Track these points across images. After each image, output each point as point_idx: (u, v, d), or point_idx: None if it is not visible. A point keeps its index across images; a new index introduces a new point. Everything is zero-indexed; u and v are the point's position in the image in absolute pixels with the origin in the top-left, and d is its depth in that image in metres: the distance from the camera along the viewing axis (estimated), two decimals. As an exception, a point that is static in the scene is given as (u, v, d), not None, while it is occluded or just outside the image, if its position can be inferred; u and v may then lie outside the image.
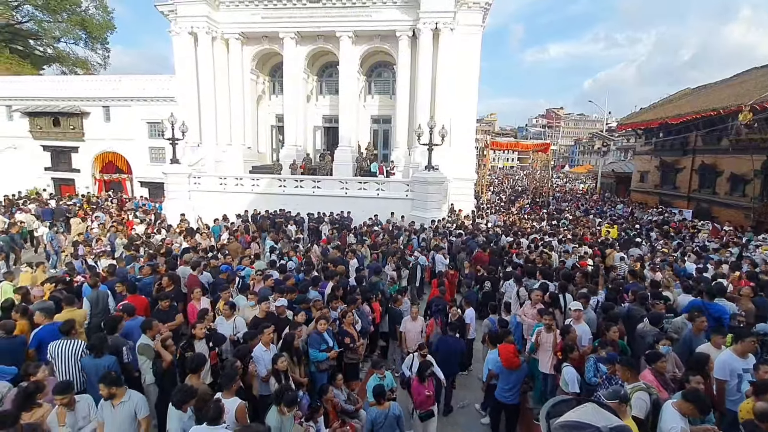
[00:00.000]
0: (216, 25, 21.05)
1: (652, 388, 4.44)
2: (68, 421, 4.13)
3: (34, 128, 25.13)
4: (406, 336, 7.02)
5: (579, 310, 6.46)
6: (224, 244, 12.26)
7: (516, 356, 5.72)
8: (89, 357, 5.04)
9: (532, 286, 8.22)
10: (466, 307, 7.56)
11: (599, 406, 1.50)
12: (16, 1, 39.43)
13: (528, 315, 7.29)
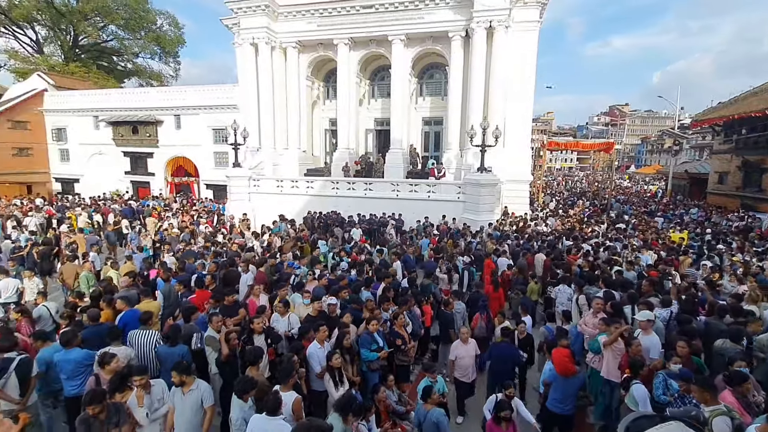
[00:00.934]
0: (275, 35, 22.08)
1: (734, 411, 4.03)
2: (145, 403, 4.53)
3: (117, 136, 27.81)
4: (457, 363, 6.29)
5: (650, 321, 6.01)
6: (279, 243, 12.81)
7: (571, 362, 5.43)
8: (164, 346, 5.49)
9: (594, 293, 7.77)
10: (523, 315, 7.30)
11: (687, 426, 1.39)
12: (103, 22, 43.81)
13: (589, 325, 6.89)
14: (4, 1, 39.04)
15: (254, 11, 21.21)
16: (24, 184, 28.75)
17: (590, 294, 7.92)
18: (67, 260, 10.11)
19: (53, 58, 42.56)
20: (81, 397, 4.34)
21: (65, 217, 18.18)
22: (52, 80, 30.35)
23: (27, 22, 41.15)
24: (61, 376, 5.16)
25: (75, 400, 5.11)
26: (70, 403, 5.28)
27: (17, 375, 4.87)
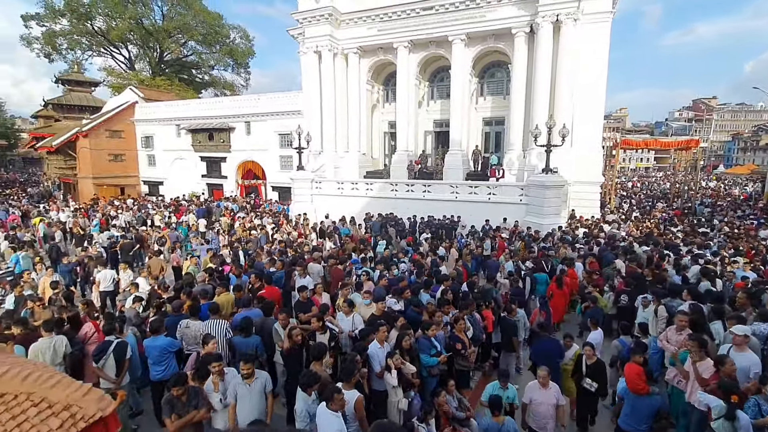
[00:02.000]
0: (337, 42, 22.80)
1: None
2: (220, 389, 4.89)
3: (195, 142, 30.28)
4: (532, 408, 5.24)
5: (746, 336, 5.37)
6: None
7: (642, 380, 5.00)
8: (239, 336, 5.90)
9: (678, 306, 7.08)
10: (593, 328, 6.84)
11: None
12: (184, 38, 47.98)
13: (672, 341, 6.28)
14: (103, 25, 44.25)
15: (318, 20, 22.07)
16: (118, 186, 32.27)
17: (672, 307, 7.24)
18: (153, 254, 11.20)
19: (142, 73, 47.42)
20: (165, 381, 4.80)
21: (151, 216, 20.12)
22: (141, 93, 33.78)
23: (122, 42, 46.29)
24: (148, 361, 5.73)
25: (159, 384, 5.65)
26: (155, 386, 5.84)
27: (114, 357, 5.48)
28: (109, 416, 3.65)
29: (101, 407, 3.56)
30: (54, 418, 3.33)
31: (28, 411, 3.29)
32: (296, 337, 5.62)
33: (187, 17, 45.25)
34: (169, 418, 4.28)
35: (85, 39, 45.35)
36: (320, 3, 21.68)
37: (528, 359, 6.94)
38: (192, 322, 6.11)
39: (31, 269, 10.04)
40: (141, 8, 44.13)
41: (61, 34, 43.74)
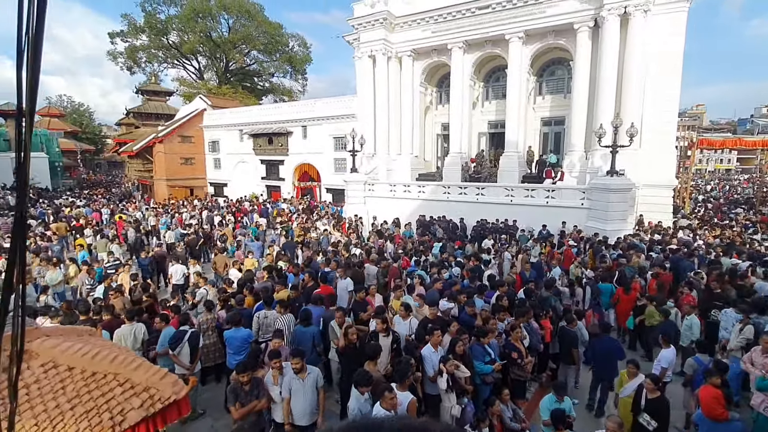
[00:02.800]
0: (391, 46, 23.03)
1: None
2: (279, 381, 5.12)
3: (256, 146, 31.96)
4: None
5: None
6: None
7: (720, 404, 4.53)
8: (299, 326, 6.18)
9: (765, 325, 6.35)
10: (665, 346, 6.30)
11: None
12: (247, 48, 50.86)
13: (757, 365, 5.65)
14: (177, 39, 48.16)
15: (373, 25, 22.43)
16: (188, 187, 34.84)
17: (760, 324, 6.51)
18: (218, 252, 11.97)
19: (210, 82, 50.91)
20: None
21: (221, 215, 21.50)
22: (209, 101, 36.26)
23: (192, 54, 50.03)
24: (228, 351, 6.18)
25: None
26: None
27: (189, 345, 5.95)
28: (181, 399, 3.96)
29: (175, 391, 3.86)
30: (135, 398, 3.67)
31: (115, 389, 3.65)
32: (352, 336, 5.74)
33: (251, 28, 47.95)
34: (234, 406, 4.56)
35: (161, 52, 49.59)
36: (375, 8, 22.04)
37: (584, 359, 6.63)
38: (269, 312, 6.53)
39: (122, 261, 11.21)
40: (210, 22, 47.43)
41: (141, 49, 48.17)
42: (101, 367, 3.72)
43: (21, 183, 1.04)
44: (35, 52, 0.94)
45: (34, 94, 0.98)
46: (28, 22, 0.94)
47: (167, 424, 3.96)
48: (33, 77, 0.96)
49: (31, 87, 0.97)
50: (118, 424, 3.46)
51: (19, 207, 1.08)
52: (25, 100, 0.97)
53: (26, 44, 0.95)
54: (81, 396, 3.49)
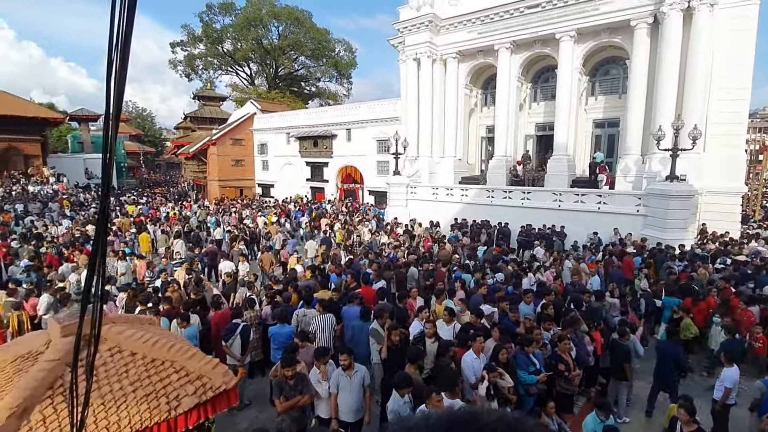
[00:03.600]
0: (436, 48, 22.93)
1: None
2: (326, 378, 5.24)
3: (302, 149, 32.92)
4: None
5: None
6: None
7: None
8: (359, 322, 6.35)
9: None
10: (727, 365, 5.81)
11: None
12: (295, 54, 52.57)
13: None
14: (230, 47, 50.74)
15: (418, 28, 22.46)
16: (238, 188, 36.50)
17: None
18: (265, 250, 12.45)
19: (260, 87, 53.12)
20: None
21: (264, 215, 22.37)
22: (259, 106, 37.83)
23: (244, 61, 52.47)
24: (273, 346, 6.44)
25: None
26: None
27: (241, 338, 6.26)
28: (231, 389, 4.15)
29: (225, 381, 4.07)
30: (190, 385, 3.89)
31: (172, 376, 3.90)
32: (395, 338, 5.75)
33: (299, 35, 49.58)
34: (278, 400, 4.73)
35: (216, 60, 52.40)
36: (421, 11, 22.06)
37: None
38: (308, 311, 6.73)
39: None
40: (261, 30, 49.55)
41: (198, 57, 51.16)
42: (160, 355, 3.97)
43: (105, 182, 1.15)
44: (122, 64, 1.04)
45: (120, 101, 1.08)
46: (117, 38, 1.04)
47: (217, 412, 4.17)
48: (119, 87, 1.06)
49: (118, 95, 1.07)
50: (173, 408, 3.68)
51: (103, 203, 1.18)
52: (112, 107, 1.07)
53: (115, 57, 1.05)
54: (142, 380, 3.75)
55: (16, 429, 3.11)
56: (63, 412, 3.30)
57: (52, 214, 22.01)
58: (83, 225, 18.25)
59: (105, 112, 1.09)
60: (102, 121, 42.57)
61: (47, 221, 19.73)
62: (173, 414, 3.64)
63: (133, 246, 14.94)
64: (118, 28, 1.02)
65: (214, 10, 49.27)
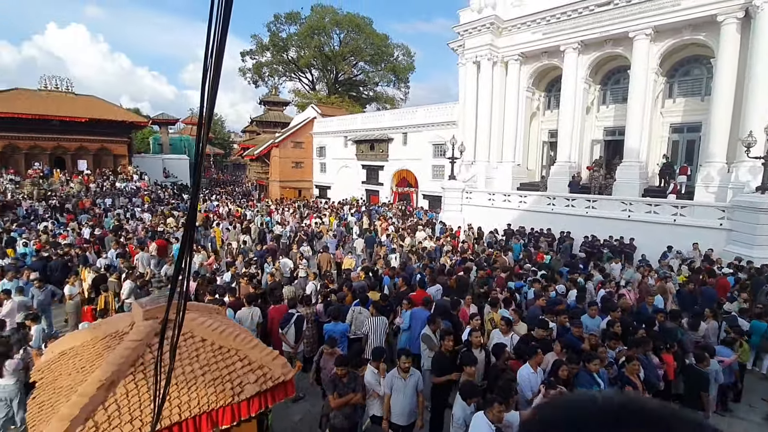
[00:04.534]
0: (497, 51, 22.40)
1: None
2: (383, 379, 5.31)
3: (359, 152, 33.61)
4: None
5: None
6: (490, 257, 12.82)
7: None
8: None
9: None
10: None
11: None
12: (355, 60, 53.86)
13: None
14: (294, 55, 53.15)
15: (479, 31, 22.08)
16: (297, 189, 38.05)
17: None
18: (323, 250, 12.87)
19: (321, 93, 55.02)
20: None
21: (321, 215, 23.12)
22: (319, 110, 39.21)
23: (307, 68, 54.67)
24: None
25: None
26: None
27: (295, 327, 6.55)
28: (288, 381, 4.34)
29: (284, 372, 4.25)
30: (252, 374, 4.12)
31: (236, 363, 4.15)
32: (448, 343, 5.67)
33: (359, 41, 50.75)
34: (332, 395, 4.86)
35: (281, 67, 55.09)
36: (482, 13, 21.69)
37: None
38: (363, 309, 6.88)
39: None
40: (323, 37, 51.38)
41: (265, 65, 54.08)
42: (226, 343, 4.25)
43: (197, 180, 1.26)
44: (216, 74, 1.15)
45: (212, 108, 1.19)
46: (211, 49, 1.14)
47: (275, 402, 4.37)
48: (212, 94, 1.17)
49: (210, 102, 1.17)
50: (237, 394, 3.92)
51: (193, 199, 1.30)
52: (204, 112, 1.18)
53: (210, 67, 1.15)
54: (210, 365, 4.03)
55: (104, 399, 3.48)
56: (143, 388, 3.64)
57: (135, 209, 24.34)
58: (164, 218, 20.05)
59: (198, 118, 1.21)
60: (180, 125, 46.59)
61: (129, 215, 21.91)
62: (236, 399, 3.87)
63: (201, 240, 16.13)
64: (213, 40, 1.12)
65: (281, 20, 51.90)
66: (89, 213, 22.15)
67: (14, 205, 23.10)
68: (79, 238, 15.49)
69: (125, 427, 3.38)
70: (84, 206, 24.01)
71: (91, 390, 3.44)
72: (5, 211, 21.69)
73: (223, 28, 1.12)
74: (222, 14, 1.09)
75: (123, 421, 3.40)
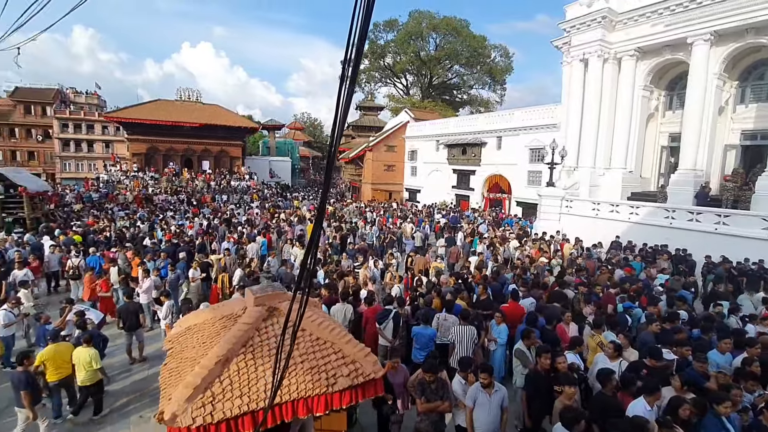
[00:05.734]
0: (609, 47, 20.46)
1: None
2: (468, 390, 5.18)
3: (450, 156, 33.30)
4: None
5: None
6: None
7: None
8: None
9: None
10: None
11: None
12: (450, 63, 53.50)
13: None
14: (390, 61, 54.57)
15: (588, 26, 20.41)
16: (387, 191, 38.99)
17: None
18: (417, 253, 13.02)
19: (414, 97, 55.68)
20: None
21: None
22: (413, 114, 39.72)
23: (402, 73, 55.75)
24: (415, 346, 6.71)
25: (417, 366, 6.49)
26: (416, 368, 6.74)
27: (393, 322, 6.73)
28: (378, 379, 4.44)
29: (375, 370, 4.36)
30: (344, 367, 4.29)
31: (331, 356, 4.36)
32: (545, 361, 5.30)
33: (456, 44, 50.29)
34: (420, 399, 4.86)
35: (377, 73, 57.03)
36: (593, 7, 20.00)
37: None
38: (449, 316, 6.80)
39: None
40: (420, 42, 51.96)
41: (362, 71, 56.44)
42: (323, 335, 4.49)
43: (326, 181, 1.35)
44: (351, 83, 1.21)
45: (345, 115, 1.26)
46: (348, 60, 1.21)
47: (365, 398, 4.50)
48: (346, 101, 1.24)
49: (345, 108, 1.24)
50: (330, 385, 4.12)
51: (322, 200, 1.39)
52: (339, 117, 1.25)
53: (345, 76, 1.22)
54: (308, 354, 4.29)
55: (220, 373, 3.91)
56: (251, 368, 4.01)
57: (247, 204, 27.16)
58: (270, 215, 22.10)
59: (333, 122, 1.29)
60: (284, 130, 51.05)
61: (242, 209, 24.52)
62: (330, 390, 4.07)
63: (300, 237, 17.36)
64: (349, 51, 1.19)
65: (379, 28, 53.73)
66: (209, 207, 25.26)
67: (154, 197, 27.32)
68: (199, 229, 17.74)
69: (235, 401, 3.76)
70: (205, 201, 27.46)
71: (210, 363, 3.89)
72: (147, 202, 25.79)
73: (360, 36, 1.18)
74: (361, 22, 1.15)
75: (234, 395, 3.78)
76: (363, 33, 1.17)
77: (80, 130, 51.74)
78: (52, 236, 14.69)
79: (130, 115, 36.91)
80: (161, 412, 3.62)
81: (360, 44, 1.18)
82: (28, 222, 18.00)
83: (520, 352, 5.82)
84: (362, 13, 1.14)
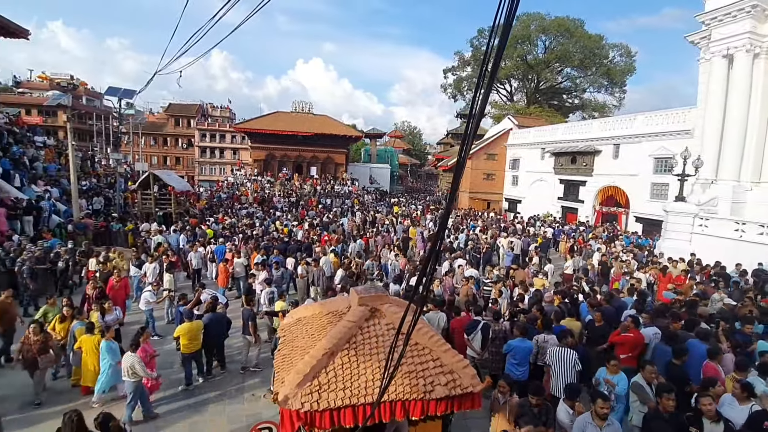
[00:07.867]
0: (760, 40, 17.26)
1: None
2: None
3: (557, 165, 31.06)
4: None
5: None
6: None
7: None
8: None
9: None
10: None
11: None
12: (560, 66, 50.07)
13: None
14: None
15: (734, 16, 17.48)
16: (485, 200, 37.83)
17: None
18: (519, 267, 12.48)
19: (519, 103, 53.24)
20: (523, 383, 5.17)
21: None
22: (516, 121, 38.02)
23: (506, 79, 53.73)
24: (511, 360, 6.40)
25: (519, 383, 6.08)
26: (518, 386, 6.34)
27: (481, 333, 6.55)
28: (476, 393, 4.31)
29: (473, 383, 4.25)
30: (442, 376, 4.26)
31: (429, 363, 4.36)
32: (667, 402, 4.59)
33: (568, 45, 46.88)
34: (521, 420, 4.59)
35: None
36: (742, -6, 17.07)
37: None
38: (549, 337, 6.35)
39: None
40: (527, 46, 49.59)
41: (465, 79, 55.75)
42: (422, 340, 4.51)
43: (453, 188, 1.36)
44: (487, 89, 1.21)
45: (479, 120, 1.26)
46: (485, 66, 1.21)
47: (461, 410, 4.41)
48: (481, 106, 1.24)
49: (480, 113, 1.25)
50: (428, 392, 4.11)
51: (448, 206, 1.41)
52: (473, 121, 1.27)
53: (480, 81, 1.23)
54: (406, 358, 4.35)
55: (326, 365, 4.17)
56: (354, 363, 4.20)
57: (346, 209, 28.69)
58: (369, 221, 23.08)
59: (465, 129, 1.30)
60: (385, 138, 52.91)
61: (347, 213, 26.04)
62: (427, 397, 4.07)
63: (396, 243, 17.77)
64: (486, 60, 1.20)
65: (484, 34, 52.56)
66: (314, 210, 27.24)
67: (270, 199, 30.41)
68: (305, 231, 19.21)
69: (339, 393, 3.97)
70: (312, 204, 29.68)
71: (318, 354, 4.17)
72: (263, 203, 28.81)
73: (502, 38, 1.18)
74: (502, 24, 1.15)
75: (338, 387, 4.00)
76: (504, 37, 1.17)
77: (215, 139, 60.43)
78: (189, 233, 17.09)
79: (254, 125, 41.73)
80: (276, 393, 3.99)
81: (501, 46, 1.18)
82: (174, 216, 21.43)
83: (638, 386, 5.12)
84: (506, 12, 1.14)
